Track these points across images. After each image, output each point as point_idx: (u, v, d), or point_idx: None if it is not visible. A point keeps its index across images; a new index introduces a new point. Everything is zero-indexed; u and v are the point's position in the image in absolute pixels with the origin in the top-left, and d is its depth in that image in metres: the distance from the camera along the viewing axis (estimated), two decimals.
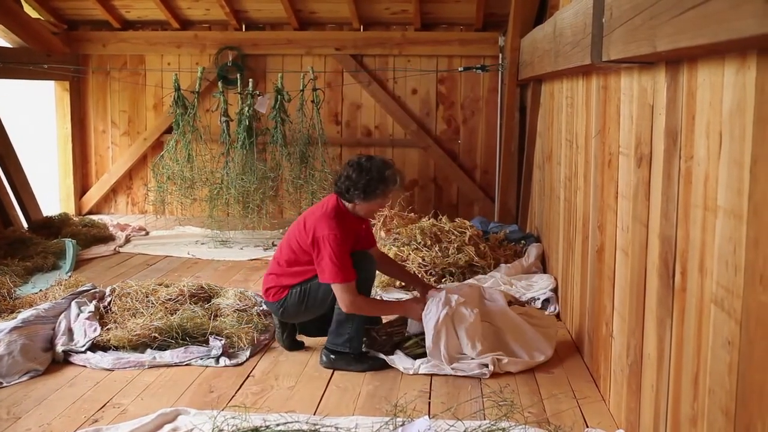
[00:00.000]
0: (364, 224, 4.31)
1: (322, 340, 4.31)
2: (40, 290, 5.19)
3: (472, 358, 3.96)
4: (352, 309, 3.96)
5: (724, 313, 2.07)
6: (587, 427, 3.36)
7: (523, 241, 6.33)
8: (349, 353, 4.08)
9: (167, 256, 6.88)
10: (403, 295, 5.24)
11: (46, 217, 7.76)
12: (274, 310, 4.27)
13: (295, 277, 4.15)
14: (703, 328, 2.26)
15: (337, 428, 3.07)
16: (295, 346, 4.38)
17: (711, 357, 2.18)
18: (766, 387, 1.80)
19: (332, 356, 4.11)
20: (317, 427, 3.03)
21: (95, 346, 4.23)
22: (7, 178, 7.50)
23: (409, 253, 5.79)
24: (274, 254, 4.36)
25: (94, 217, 8.34)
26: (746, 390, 1.93)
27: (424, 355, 4.05)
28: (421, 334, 4.12)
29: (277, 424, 3.00)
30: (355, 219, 4.18)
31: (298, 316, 4.23)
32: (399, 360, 4.06)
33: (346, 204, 4.13)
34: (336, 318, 4.11)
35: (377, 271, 4.46)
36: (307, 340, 4.44)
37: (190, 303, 4.71)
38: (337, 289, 3.95)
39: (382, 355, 4.11)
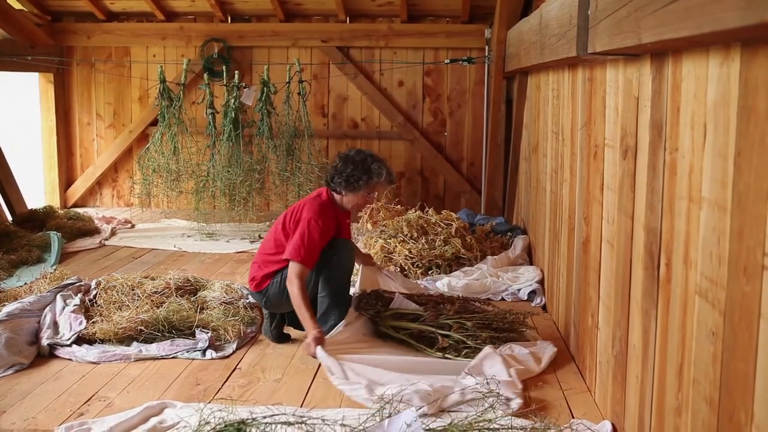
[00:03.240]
0: (348, 219, 4.37)
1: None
2: (25, 283, 5.16)
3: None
4: (289, 285, 3.99)
5: (708, 303, 2.09)
6: (573, 417, 3.37)
7: (509, 233, 6.35)
8: None
9: (153, 249, 6.85)
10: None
11: (31, 210, 7.71)
12: (258, 300, 4.32)
13: (276, 263, 4.19)
14: (687, 318, 2.27)
15: (323, 420, 3.07)
16: (282, 338, 4.39)
17: (695, 347, 2.20)
18: (749, 377, 1.82)
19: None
20: (304, 419, 3.03)
21: (81, 340, 4.21)
22: None
23: (396, 246, 5.80)
24: (260, 247, 4.40)
25: (80, 210, 8.30)
26: (730, 380, 1.94)
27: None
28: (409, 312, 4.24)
29: (264, 417, 3.00)
30: (341, 212, 4.26)
31: (280, 305, 4.24)
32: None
33: (335, 196, 4.21)
34: (320, 306, 4.18)
35: None
36: (294, 333, 4.44)
37: (176, 296, 4.69)
38: (292, 266, 4.00)
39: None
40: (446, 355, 3.98)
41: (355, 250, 4.43)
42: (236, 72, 7.53)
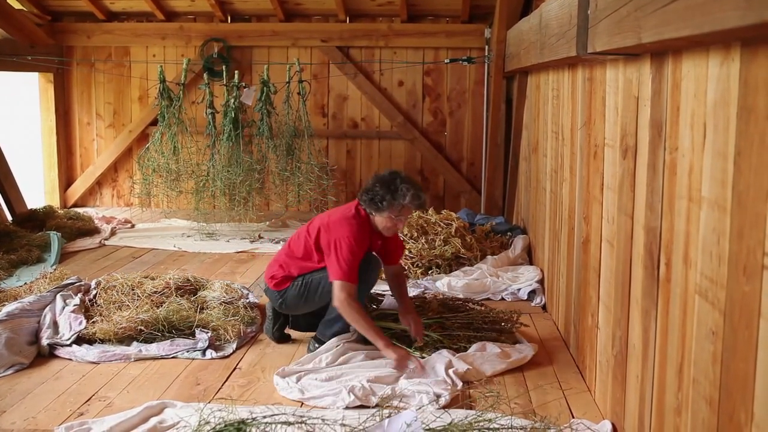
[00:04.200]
0: (380, 240, 4.18)
1: (308, 333, 4.34)
2: (25, 283, 5.16)
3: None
4: (341, 307, 3.88)
5: (708, 303, 2.09)
6: (573, 417, 3.37)
7: (509, 233, 6.35)
8: None
9: (153, 249, 6.85)
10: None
11: (31, 209, 7.71)
12: (273, 299, 4.24)
13: (301, 268, 4.14)
14: (687, 318, 2.27)
15: (323, 420, 3.07)
16: (283, 338, 4.39)
17: (695, 347, 2.20)
18: (749, 376, 1.82)
19: (318, 345, 4.14)
20: (304, 419, 3.03)
21: (81, 339, 4.21)
22: None
23: None
24: (285, 245, 4.33)
25: (79, 210, 8.30)
26: (729, 379, 1.94)
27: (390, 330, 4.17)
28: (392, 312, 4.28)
29: (264, 417, 3.00)
30: (372, 230, 4.10)
31: (297, 308, 4.21)
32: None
33: (367, 212, 4.07)
34: (330, 311, 4.11)
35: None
36: (294, 333, 4.44)
37: (176, 296, 4.69)
38: (336, 285, 3.89)
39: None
40: (423, 354, 3.99)
41: (378, 268, 4.25)
42: (236, 72, 7.52)
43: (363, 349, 4.06)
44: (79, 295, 4.62)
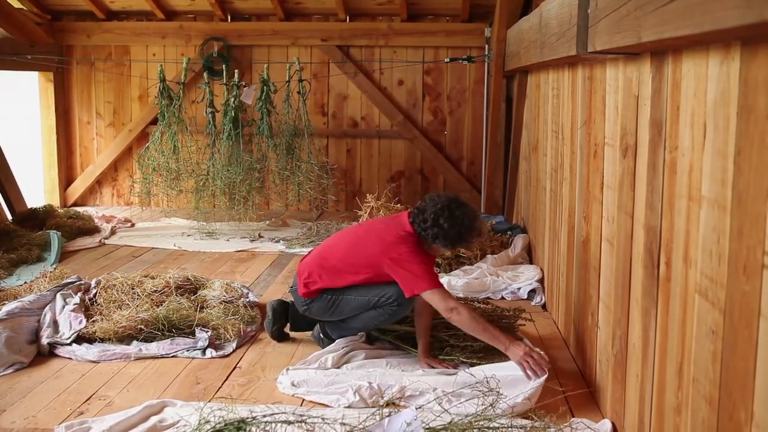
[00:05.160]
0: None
1: (308, 333, 4.35)
2: (25, 282, 5.16)
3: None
4: (454, 316, 3.61)
5: (708, 302, 2.09)
6: (573, 416, 3.37)
7: (509, 232, 6.35)
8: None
9: (153, 248, 6.85)
10: None
11: (31, 208, 7.71)
12: (299, 303, 4.12)
13: (335, 280, 3.95)
14: (687, 317, 2.27)
15: (323, 419, 3.07)
16: (282, 337, 4.39)
17: (695, 346, 2.20)
18: (749, 375, 1.82)
19: (321, 336, 4.19)
20: (304, 418, 3.03)
21: (81, 339, 4.21)
22: None
23: None
24: (322, 248, 4.14)
25: (80, 209, 8.30)
26: (729, 378, 1.94)
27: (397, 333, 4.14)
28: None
29: (264, 416, 3.00)
30: (425, 251, 3.93)
31: (321, 317, 4.12)
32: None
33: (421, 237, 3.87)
34: (347, 322, 4.06)
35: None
36: (294, 333, 4.44)
37: (176, 295, 4.69)
38: (434, 296, 3.65)
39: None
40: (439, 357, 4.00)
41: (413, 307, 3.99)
42: (236, 71, 7.52)
43: (365, 349, 4.06)
44: (79, 294, 4.62)
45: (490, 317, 4.23)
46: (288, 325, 4.41)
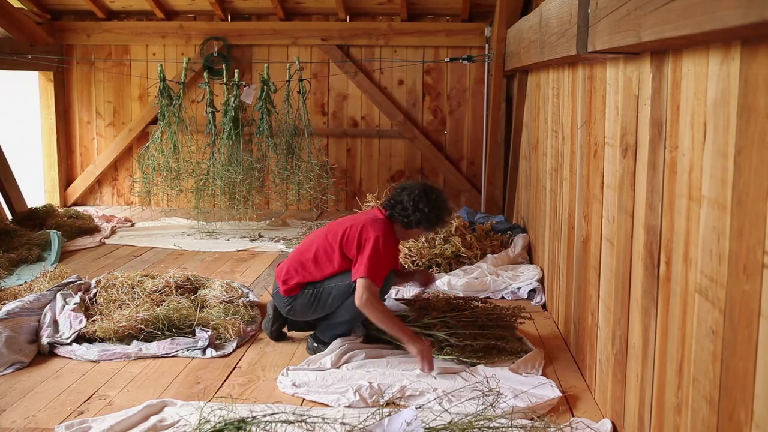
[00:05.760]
0: (397, 250, 4.29)
1: (308, 333, 4.35)
2: (25, 282, 5.16)
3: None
4: (363, 305, 3.85)
5: (708, 302, 2.09)
6: (573, 416, 3.37)
7: (509, 232, 6.35)
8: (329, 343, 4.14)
9: (153, 248, 6.85)
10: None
11: (31, 208, 7.71)
12: (281, 305, 4.18)
13: (313, 274, 4.05)
14: (687, 317, 2.27)
15: (323, 419, 3.07)
16: (281, 337, 4.39)
17: (695, 346, 2.20)
18: (748, 375, 1.82)
19: (315, 344, 4.15)
20: (304, 417, 3.03)
21: (81, 338, 4.22)
22: None
23: None
24: (298, 247, 4.24)
25: (80, 209, 8.30)
26: (729, 378, 1.94)
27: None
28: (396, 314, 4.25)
29: (264, 415, 3.00)
30: (396, 240, 4.16)
31: (305, 315, 4.16)
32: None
33: (395, 225, 4.10)
34: (336, 316, 4.11)
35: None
36: (293, 332, 4.44)
37: (176, 294, 4.69)
38: (360, 283, 3.86)
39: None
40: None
41: (392, 280, 4.27)
42: (236, 70, 7.52)
43: (365, 348, 4.06)
44: (80, 293, 4.62)
45: (489, 317, 4.24)
46: (286, 326, 4.41)
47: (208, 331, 4.25)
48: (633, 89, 2.88)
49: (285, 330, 4.43)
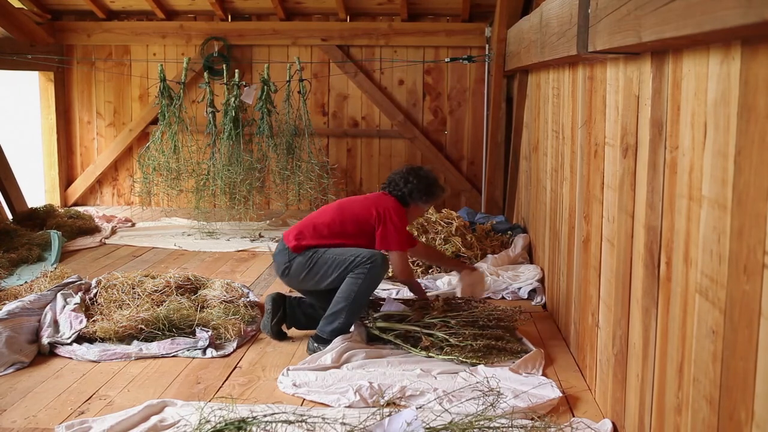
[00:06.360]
0: None
1: (307, 331, 4.35)
2: (26, 282, 5.16)
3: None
4: (405, 274, 4.44)
5: (709, 302, 2.09)
6: (573, 416, 3.37)
7: (509, 232, 6.35)
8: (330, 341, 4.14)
9: (153, 248, 6.86)
10: (390, 286, 5.25)
11: (31, 208, 7.72)
12: (280, 263, 4.33)
13: (327, 238, 4.27)
14: (687, 317, 2.27)
15: (323, 419, 3.07)
16: (281, 335, 4.39)
17: (695, 346, 2.20)
18: (749, 375, 1.82)
19: (316, 344, 4.16)
20: (304, 418, 3.03)
21: (81, 338, 4.22)
22: None
23: None
24: (310, 216, 4.47)
25: (80, 209, 8.30)
26: (730, 378, 1.94)
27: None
28: (396, 313, 4.30)
29: (264, 415, 3.00)
30: (405, 214, 4.50)
31: (297, 278, 4.28)
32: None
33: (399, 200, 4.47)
34: (332, 306, 4.17)
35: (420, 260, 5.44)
36: (293, 332, 4.44)
37: (176, 294, 4.69)
38: (397, 255, 4.34)
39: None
40: (429, 354, 4.00)
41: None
42: (236, 70, 7.53)
43: (365, 348, 4.07)
44: (80, 293, 4.62)
45: (489, 317, 4.24)
46: (285, 324, 4.41)
47: (208, 331, 4.26)
48: (633, 89, 2.88)
49: (285, 330, 4.43)
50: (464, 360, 3.90)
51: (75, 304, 4.44)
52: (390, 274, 5.11)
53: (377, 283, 4.27)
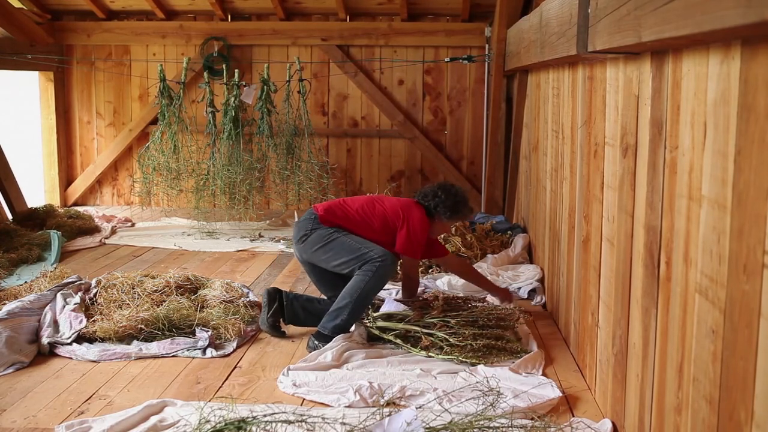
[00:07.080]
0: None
1: (307, 330, 4.36)
2: (26, 282, 5.16)
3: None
4: (412, 271, 4.65)
5: (708, 302, 2.09)
6: (573, 416, 3.37)
7: (509, 232, 6.35)
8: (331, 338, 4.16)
9: (153, 248, 6.86)
10: (390, 286, 5.25)
11: (31, 208, 7.72)
12: (302, 227, 4.43)
13: (348, 224, 4.40)
14: (687, 317, 2.27)
15: (323, 419, 3.07)
16: (276, 328, 4.39)
17: (695, 346, 2.20)
18: (749, 375, 1.82)
19: (316, 342, 4.17)
20: (304, 417, 3.03)
21: (81, 338, 4.22)
22: None
23: None
24: (341, 200, 4.59)
25: (80, 209, 8.30)
26: (729, 378, 1.94)
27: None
28: (396, 313, 4.31)
29: (264, 415, 3.00)
30: (428, 224, 4.58)
31: (311, 249, 4.36)
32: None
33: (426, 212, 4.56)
34: (338, 301, 4.23)
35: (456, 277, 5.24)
36: (293, 331, 4.44)
37: (176, 294, 4.69)
38: (409, 260, 4.52)
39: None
40: (429, 354, 4.00)
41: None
42: (236, 70, 7.53)
43: (365, 348, 4.07)
44: (80, 293, 4.62)
45: (489, 317, 4.24)
46: (283, 320, 4.42)
47: (208, 331, 4.26)
48: (633, 89, 2.88)
49: (282, 327, 4.44)
50: (464, 360, 3.91)
51: (75, 304, 4.44)
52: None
53: (383, 282, 4.33)
